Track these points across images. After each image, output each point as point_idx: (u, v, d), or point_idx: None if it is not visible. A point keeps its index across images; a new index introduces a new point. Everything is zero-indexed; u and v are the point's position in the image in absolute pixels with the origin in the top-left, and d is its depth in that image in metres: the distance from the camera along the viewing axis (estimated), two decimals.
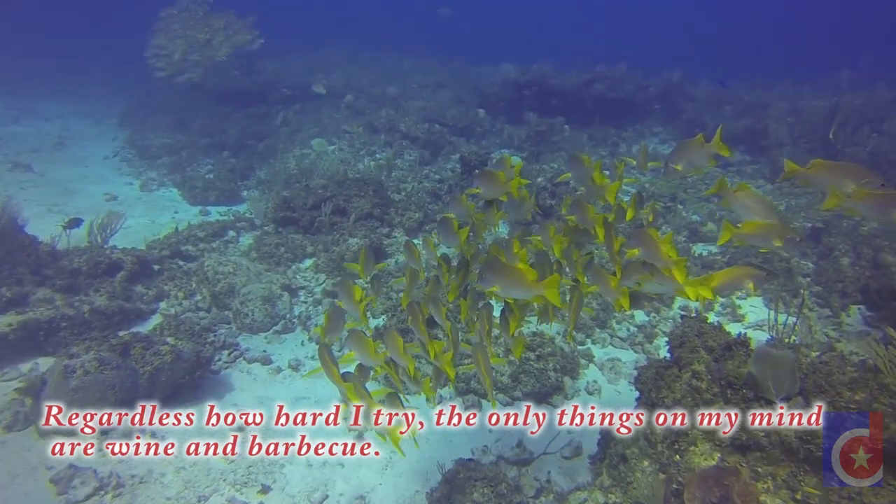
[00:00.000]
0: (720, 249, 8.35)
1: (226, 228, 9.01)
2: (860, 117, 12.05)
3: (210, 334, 6.17)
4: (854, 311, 7.01)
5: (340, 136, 13.11)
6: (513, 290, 2.72)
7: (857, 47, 18.05)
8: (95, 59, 23.24)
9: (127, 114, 16.32)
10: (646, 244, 2.79)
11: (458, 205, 3.31)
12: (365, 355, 2.91)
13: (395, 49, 22.65)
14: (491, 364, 3.00)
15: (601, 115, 14.19)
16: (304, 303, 7.14)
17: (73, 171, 11.68)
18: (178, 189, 11.27)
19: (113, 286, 6.02)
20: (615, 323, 6.70)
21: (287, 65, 18.36)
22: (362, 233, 7.93)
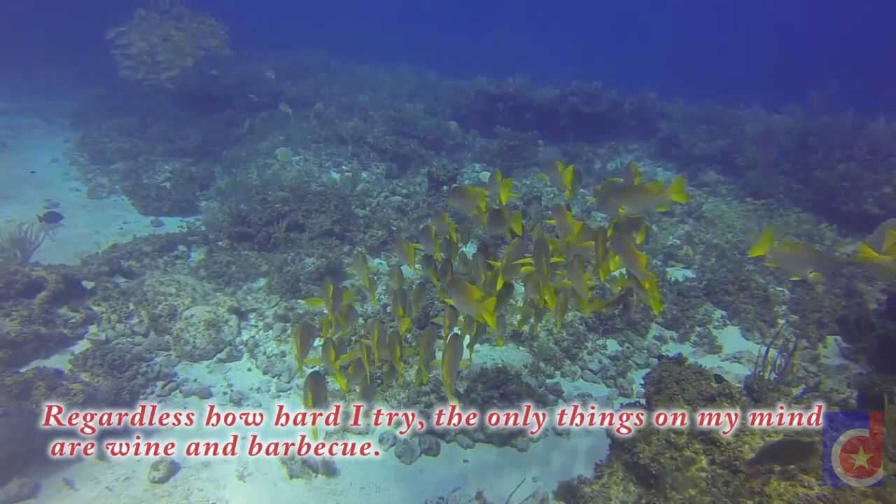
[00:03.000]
0: (696, 275, 8.06)
1: (175, 242, 8.35)
2: (831, 141, 12.02)
3: (143, 364, 5.57)
4: (831, 342, 6.77)
5: (307, 146, 12.55)
6: (462, 306, 3.07)
7: (825, 72, 18.28)
8: (52, 57, 22.09)
9: (81, 114, 15.37)
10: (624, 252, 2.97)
11: (440, 220, 3.51)
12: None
13: (369, 58, 22.19)
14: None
15: (576, 131, 13.93)
16: (253, 326, 6.57)
17: (11, 174, 10.79)
18: (130, 197, 10.54)
19: (30, 309, 5.35)
20: (586, 354, 6.29)
21: (257, 69, 17.70)
22: (319, 252, 7.39)
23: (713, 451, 3.30)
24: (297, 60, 19.68)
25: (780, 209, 10.54)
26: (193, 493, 4.24)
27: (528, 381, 5.52)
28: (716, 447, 3.29)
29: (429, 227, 3.59)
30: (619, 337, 6.62)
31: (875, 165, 10.64)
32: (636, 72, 22.05)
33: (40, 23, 28.44)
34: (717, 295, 7.30)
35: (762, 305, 7.10)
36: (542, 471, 4.69)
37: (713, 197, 11.53)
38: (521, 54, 26.03)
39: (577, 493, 3.80)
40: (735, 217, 10.28)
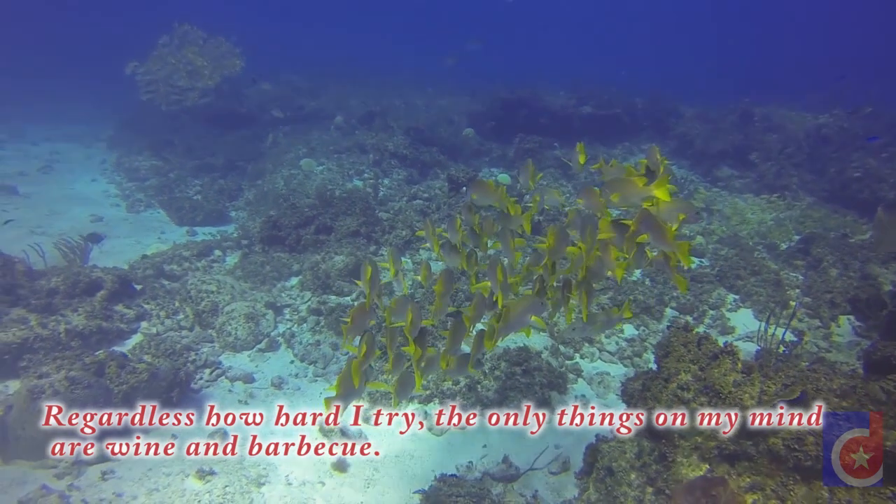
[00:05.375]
0: (709, 263, 8.33)
1: (211, 248, 8.91)
2: (844, 136, 12.20)
3: (191, 353, 6.06)
4: (843, 321, 6.97)
5: (329, 157, 13.12)
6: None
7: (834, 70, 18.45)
8: (86, 83, 23.30)
9: (115, 137, 16.31)
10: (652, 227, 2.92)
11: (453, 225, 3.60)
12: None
13: (384, 71, 22.91)
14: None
15: (590, 134, 14.29)
16: (288, 321, 7.03)
17: (59, 193, 11.60)
18: (165, 210, 11.20)
19: (92, 305, 5.89)
20: (604, 337, 6.61)
21: (277, 87, 18.46)
22: (348, 250, 7.85)
23: (717, 401, 3.61)
24: (315, 78, 20.46)
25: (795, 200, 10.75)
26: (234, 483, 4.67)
27: (548, 361, 5.86)
28: (719, 398, 3.61)
29: (455, 217, 3.71)
30: (635, 321, 6.93)
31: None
32: (651, 72, 22.40)
33: (64, 49, 29.89)
34: (730, 280, 7.56)
35: (774, 288, 7.34)
36: (564, 440, 5.02)
37: (727, 192, 11.77)
38: (540, 63, 26.63)
39: (596, 450, 4.13)
40: (750, 211, 10.51)
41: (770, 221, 10.02)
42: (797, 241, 8.94)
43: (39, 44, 30.69)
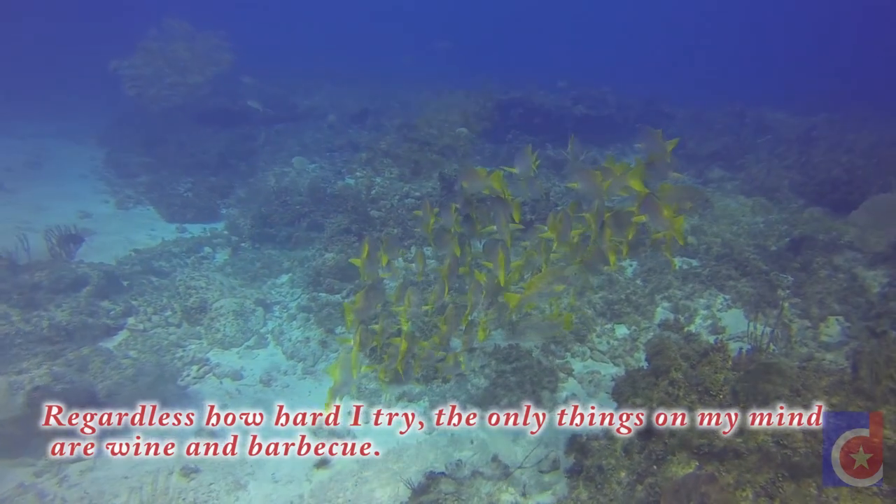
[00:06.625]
0: (700, 263, 8.33)
1: (201, 244, 8.82)
2: (834, 137, 12.29)
3: (178, 350, 5.98)
4: (832, 321, 6.98)
5: (322, 155, 13.05)
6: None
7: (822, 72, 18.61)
8: (75, 79, 23.03)
9: (106, 133, 16.10)
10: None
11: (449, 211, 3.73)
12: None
13: (379, 71, 22.85)
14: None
15: (583, 134, 14.26)
16: (278, 318, 6.96)
17: (46, 189, 11.42)
18: (155, 207, 11.09)
19: (77, 301, 5.80)
20: (595, 336, 6.59)
21: (270, 84, 18.35)
22: (338, 248, 7.79)
23: (707, 399, 3.60)
24: (310, 75, 20.36)
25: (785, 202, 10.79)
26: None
27: (539, 359, 5.83)
28: (709, 395, 3.60)
29: (450, 205, 3.80)
30: (626, 321, 6.91)
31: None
32: (643, 73, 22.49)
33: (50, 45, 29.53)
34: (720, 280, 7.57)
35: (764, 289, 7.35)
36: (553, 439, 4.98)
37: (720, 193, 11.79)
38: (537, 62, 26.69)
39: (585, 448, 4.10)
40: (741, 212, 10.53)
41: (761, 223, 10.04)
42: (787, 242, 8.96)
43: (30, 40, 30.34)
